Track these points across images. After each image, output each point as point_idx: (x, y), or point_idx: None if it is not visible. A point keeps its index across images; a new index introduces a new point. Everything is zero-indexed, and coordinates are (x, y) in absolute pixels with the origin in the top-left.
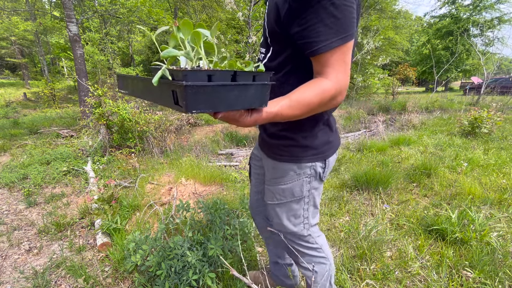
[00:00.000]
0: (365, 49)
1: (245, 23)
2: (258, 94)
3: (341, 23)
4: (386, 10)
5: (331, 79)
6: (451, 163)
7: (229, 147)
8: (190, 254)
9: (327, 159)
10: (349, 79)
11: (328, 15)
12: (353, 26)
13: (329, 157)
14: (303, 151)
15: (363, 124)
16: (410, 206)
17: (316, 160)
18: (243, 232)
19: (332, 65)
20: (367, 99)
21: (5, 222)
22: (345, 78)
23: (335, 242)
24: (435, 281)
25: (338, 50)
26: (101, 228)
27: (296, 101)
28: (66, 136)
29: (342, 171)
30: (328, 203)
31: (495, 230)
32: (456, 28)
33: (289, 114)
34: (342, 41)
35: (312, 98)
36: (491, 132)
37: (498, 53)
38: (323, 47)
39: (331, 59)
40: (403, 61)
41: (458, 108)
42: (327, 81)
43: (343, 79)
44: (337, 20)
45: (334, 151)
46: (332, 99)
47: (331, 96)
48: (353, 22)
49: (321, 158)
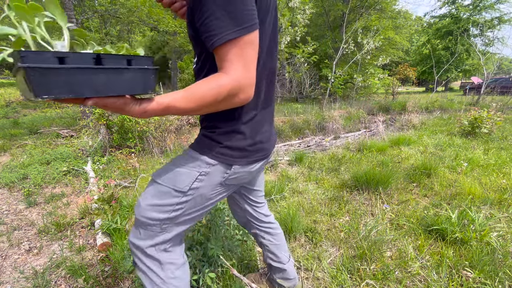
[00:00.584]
0: (365, 49)
1: None
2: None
3: (233, 15)
4: (386, 10)
5: (228, 74)
6: (451, 163)
7: None
8: (190, 254)
9: (233, 166)
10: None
11: (218, 8)
12: (250, 18)
13: (237, 165)
14: (210, 145)
15: (363, 124)
16: (410, 206)
17: (218, 160)
18: (243, 232)
19: (230, 59)
20: (367, 99)
21: (5, 222)
22: (244, 73)
23: (335, 242)
24: (435, 281)
25: (234, 43)
26: (101, 228)
27: (191, 94)
28: (66, 136)
29: (342, 171)
30: (328, 203)
31: (495, 230)
32: (456, 28)
33: (182, 107)
34: (237, 33)
35: (207, 92)
36: (491, 132)
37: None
38: (217, 41)
39: (228, 53)
40: (403, 61)
41: (458, 108)
42: (224, 76)
43: (242, 75)
44: (228, 12)
45: (249, 162)
46: (231, 96)
47: (228, 92)
48: (249, 14)
49: (225, 162)
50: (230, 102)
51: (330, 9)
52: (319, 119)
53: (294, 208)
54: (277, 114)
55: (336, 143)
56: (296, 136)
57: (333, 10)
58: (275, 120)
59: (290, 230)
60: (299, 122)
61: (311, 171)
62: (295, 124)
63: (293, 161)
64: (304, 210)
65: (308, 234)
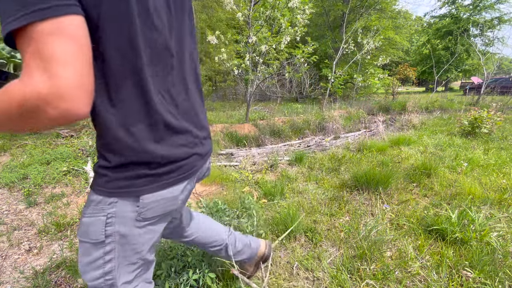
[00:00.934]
0: (365, 49)
1: (245, 23)
2: None
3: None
4: (386, 10)
5: (20, 80)
6: (451, 163)
7: (229, 147)
8: (190, 254)
9: (141, 196)
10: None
11: None
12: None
13: (147, 194)
14: (103, 179)
15: (363, 124)
16: (410, 206)
17: (118, 196)
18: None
19: (23, 59)
20: (367, 99)
21: (5, 222)
22: (44, 80)
23: (335, 242)
24: (435, 281)
25: (22, 35)
26: None
27: None
28: (66, 136)
29: (342, 171)
30: (328, 203)
31: (495, 230)
32: (456, 28)
33: None
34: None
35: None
36: (491, 132)
37: (498, 53)
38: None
39: (21, 48)
40: (403, 61)
41: (458, 108)
42: (16, 82)
43: (40, 80)
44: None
45: (160, 187)
46: (32, 112)
47: (19, 103)
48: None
49: (127, 195)
50: (39, 121)
51: (330, 9)
52: (319, 119)
53: (294, 208)
54: (277, 114)
55: (336, 143)
56: (296, 136)
57: (333, 10)
58: (275, 120)
59: None
60: (299, 122)
61: (311, 171)
62: (295, 124)
63: (293, 161)
64: (304, 210)
65: (308, 234)
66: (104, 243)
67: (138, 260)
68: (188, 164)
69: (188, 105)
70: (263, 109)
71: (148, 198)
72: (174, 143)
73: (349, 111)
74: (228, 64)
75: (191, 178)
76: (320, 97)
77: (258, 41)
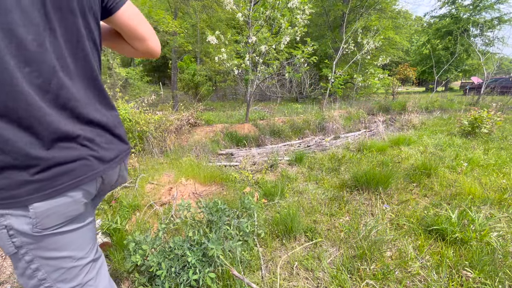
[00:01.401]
0: (365, 49)
1: (245, 23)
2: None
3: None
4: (386, 10)
5: None
6: (451, 163)
7: (229, 147)
8: (190, 254)
9: (30, 206)
10: None
11: None
12: None
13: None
14: None
15: (363, 124)
16: (410, 206)
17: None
18: (243, 232)
19: None
20: (367, 99)
21: None
22: None
23: (335, 242)
24: (435, 281)
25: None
26: (101, 228)
27: None
28: None
29: (342, 171)
30: (328, 203)
31: (495, 230)
32: (456, 28)
33: None
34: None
35: None
36: (491, 132)
37: (498, 53)
38: None
39: None
40: (403, 61)
41: (458, 108)
42: None
43: None
44: None
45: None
46: None
47: None
48: None
49: (12, 206)
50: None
51: (330, 9)
52: (319, 119)
53: (294, 208)
54: (277, 114)
55: (336, 143)
56: (296, 136)
57: (333, 10)
58: (275, 120)
59: (290, 230)
60: (299, 122)
61: (311, 171)
62: (295, 124)
63: (293, 161)
64: (304, 210)
65: (308, 234)
66: (19, 254)
67: (72, 264)
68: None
69: None
70: (263, 109)
71: (41, 207)
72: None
73: (349, 111)
74: (228, 64)
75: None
76: (320, 97)
77: (258, 41)
